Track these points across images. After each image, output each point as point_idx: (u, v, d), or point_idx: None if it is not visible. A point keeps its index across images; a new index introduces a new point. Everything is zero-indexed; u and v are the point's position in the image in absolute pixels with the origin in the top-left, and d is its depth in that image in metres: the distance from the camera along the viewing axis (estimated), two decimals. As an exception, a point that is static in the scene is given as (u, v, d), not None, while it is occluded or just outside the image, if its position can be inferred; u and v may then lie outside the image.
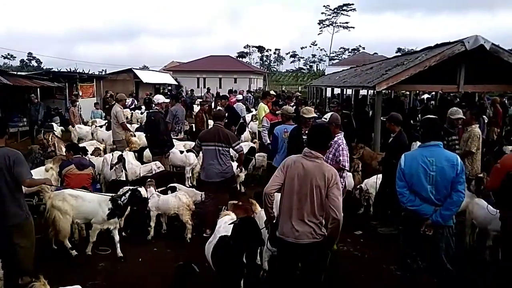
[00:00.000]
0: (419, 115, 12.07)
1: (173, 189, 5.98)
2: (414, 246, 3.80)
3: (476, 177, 5.54)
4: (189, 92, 25.37)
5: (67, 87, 17.88)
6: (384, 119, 6.59)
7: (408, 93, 16.79)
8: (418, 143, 4.19)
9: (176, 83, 36.00)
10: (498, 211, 4.46)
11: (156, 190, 5.88)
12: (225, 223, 4.00)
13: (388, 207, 5.77)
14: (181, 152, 8.14)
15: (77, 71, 21.99)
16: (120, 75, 26.84)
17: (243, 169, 7.65)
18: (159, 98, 8.13)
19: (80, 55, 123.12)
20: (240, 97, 15.10)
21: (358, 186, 6.55)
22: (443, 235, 3.58)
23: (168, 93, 25.63)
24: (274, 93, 12.99)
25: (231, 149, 5.87)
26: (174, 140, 8.53)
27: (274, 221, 3.53)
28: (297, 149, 3.96)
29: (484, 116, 9.84)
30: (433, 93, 16.09)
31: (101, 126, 11.65)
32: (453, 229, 3.67)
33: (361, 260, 5.13)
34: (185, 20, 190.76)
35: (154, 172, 6.95)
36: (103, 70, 45.16)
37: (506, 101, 13.44)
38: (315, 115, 6.17)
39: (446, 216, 3.50)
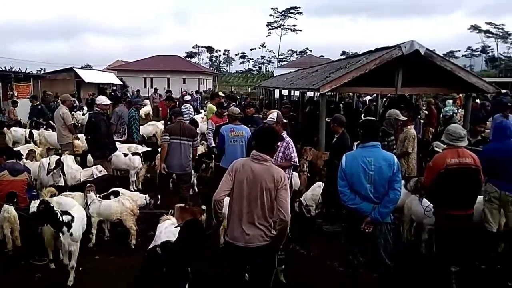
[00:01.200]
0: (363, 116, 12.63)
1: (116, 194, 5.75)
2: (355, 243, 3.95)
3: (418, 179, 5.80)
4: (135, 92, 24.62)
5: (1, 87, 16.64)
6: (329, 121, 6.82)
7: (351, 94, 17.47)
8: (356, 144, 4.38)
9: (121, 83, 34.76)
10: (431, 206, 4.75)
11: (98, 195, 5.63)
12: (166, 228, 3.91)
13: (332, 205, 5.96)
14: (126, 155, 7.86)
15: (13, 69, 20.50)
16: (60, 74, 25.45)
17: (193, 171, 7.59)
18: (101, 99, 7.78)
19: (15, 53, 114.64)
20: (188, 97, 14.92)
21: (297, 200, 6.53)
22: (381, 231, 3.77)
23: (112, 93, 24.66)
24: (222, 94, 12.98)
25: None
26: (118, 142, 8.24)
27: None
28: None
29: (419, 117, 10.51)
30: (375, 94, 16.89)
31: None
32: (391, 225, 3.86)
33: (306, 257, 5.23)
34: (131, 17, 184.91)
35: (95, 177, 6.64)
36: (41, 69, 42.44)
37: (439, 103, 14.39)
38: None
39: (384, 213, 3.68)
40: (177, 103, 16.56)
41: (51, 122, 11.62)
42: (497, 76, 46.94)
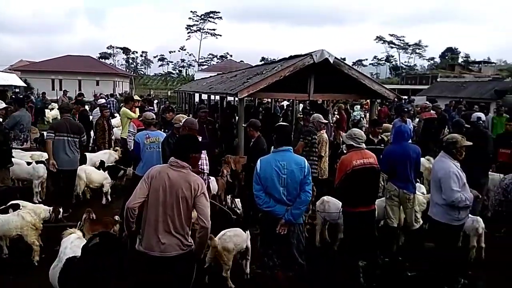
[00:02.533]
0: (281, 121, 13.08)
1: (16, 207, 5.21)
2: (270, 245, 4.07)
3: None
4: (41, 95, 22.64)
5: None
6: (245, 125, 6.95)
7: (270, 100, 17.99)
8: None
9: (25, 85, 31.69)
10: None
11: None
12: (72, 243, 3.64)
13: (251, 208, 6.06)
14: (28, 163, 7.17)
15: None
16: None
17: (109, 178, 7.23)
18: None
19: None
20: (102, 101, 14.11)
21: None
22: (294, 232, 3.93)
23: (13, 96, 22.36)
24: (138, 98, 12.51)
25: None
26: (19, 150, 7.50)
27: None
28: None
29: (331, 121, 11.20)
30: (291, 99, 17.59)
31: None
32: (303, 226, 4.05)
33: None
34: (38, 13, 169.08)
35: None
36: None
37: (349, 108, 15.51)
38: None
39: (296, 214, 3.85)
40: (90, 106, 15.63)
41: None
42: (399, 84, 51.84)
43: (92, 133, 10.26)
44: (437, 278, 4.52)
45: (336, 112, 13.73)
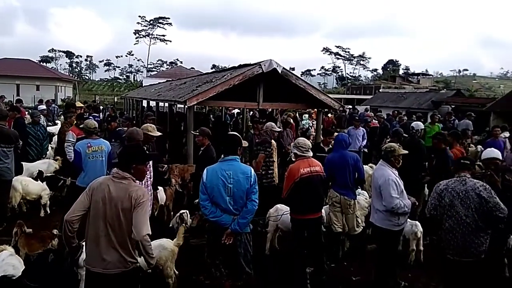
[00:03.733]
0: (230, 129, 13.09)
1: None
2: (217, 255, 4.04)
3: None
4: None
5: None
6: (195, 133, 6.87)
7: (220, 107, 17.97)
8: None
9: (-46, 89, 29.17)
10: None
11: None
12: (3, 261, 3.39)
13: (199, 218, 5.99)
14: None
15: None
16: None
17: (48, 190, 6.84)
18: None
19: None
20: (42, 107, 13.33)
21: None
22: (241, 241, 3.94)
23: None
24: (81, 104, 12.00)
25: None
26: None
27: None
28: None
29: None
30: (242, 108, 17.70)
31: None
32: (250, 235, 4.06)
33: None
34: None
35: None
36: None
37: (298, 117, 15.86)
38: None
39: (243, 224, 3.86)
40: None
41: None
42: (345, 93, 53.94)
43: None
44: (380, 282, 4.73)
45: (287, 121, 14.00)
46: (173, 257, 4.49)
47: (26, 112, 12.31)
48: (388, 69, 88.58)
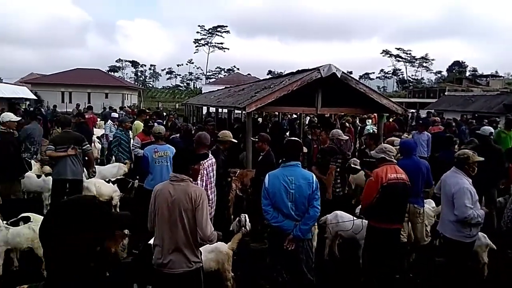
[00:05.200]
0: (288, 134, 13.10)
1: (26, 220, 5.24)
2: (279, 260, 4.04)
3: None
4: (52, 107, 22.92)
5: None
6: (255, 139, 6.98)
7: (277, 113, 18.06)
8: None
9: (35, 98, 32.18)
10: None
11: (5, 221, 5.08)
12: None
13: (258, 223, 6.04)
14: (38, 176, 7.25)
15: None
16: (-39, 86, 22.89)
17: (119, 191, 7.28)
18: (8, 116, 7.08)
19: None
20: (115, 115, 14.21)
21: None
22: (303, 247, 3.90)
23: (26, 109, 22.71)
24: (148, 111, 12.64)
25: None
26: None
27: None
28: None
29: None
30: (299, 113, 17.67)
31: None
32: (311, 241, 4.02)
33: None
34: (48, 28, 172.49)
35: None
36: None
37: (356, 121, 15.49)
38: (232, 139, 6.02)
39: (305, 230, 3.83)
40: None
41: None
42: (406, 97, 51.77)
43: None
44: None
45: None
46: (229, 260, 4.55)
47: (98, 119, 13.19)
48: (454, 71, 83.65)
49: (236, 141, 5.90)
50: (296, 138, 4.70)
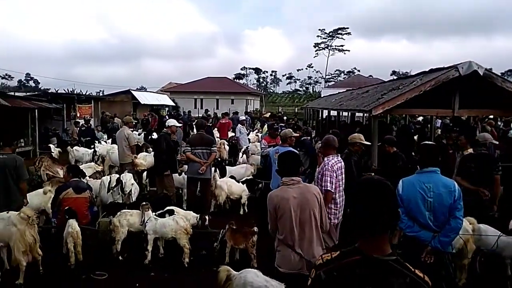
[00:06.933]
0: (416, 138, 12.19)
1: (171, 213, 5.94)
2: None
3: None
4: (186, 113, 25.50)
5: (65, 108, 17.96)
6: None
7: (403, 116, 16.98)
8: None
9: (174, 104, 36.20)
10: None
11: (153, 213, 5.83)
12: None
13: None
14: (179, 174, 8.13)
15: (75, 92, 22.11)
16: (118, 96, 27.07)
17: (247, 191, 7.75)
18: (172, 122, 8.17)
19: (78, 76, 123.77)
20: (243, 117, 15.13)
21: None
22: (443, 261, 3.58)
23: (170, 114, 25.75)
24: (269, 114, 13.18)
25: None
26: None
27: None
28: None
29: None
30: (428, 116, 16.30)
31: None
32: (451, 256, 3.66)
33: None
34: (183, 42, 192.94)
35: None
36: (100, 91, 45.44)
37: (501, 124, 13.64)
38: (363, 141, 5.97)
39: (445, 242, 3.50)
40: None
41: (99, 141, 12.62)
42: None
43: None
44: None
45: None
46: None
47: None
48: None
49: (368, 143, 5.78)
50: (432, 142, 4.34)
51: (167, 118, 15.87)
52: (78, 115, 18.87)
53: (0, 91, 18.64)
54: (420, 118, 19.98)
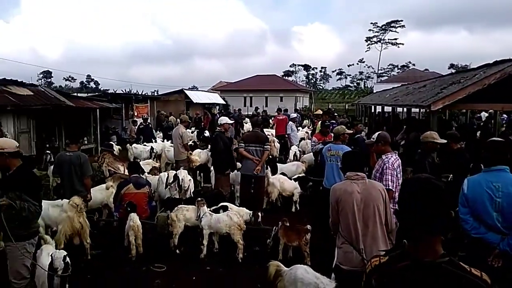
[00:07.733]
0: (478, 134, 11.47)
1: (225, 208, 6.07)
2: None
3: None
4: (237, 111, 25.84)
5: (123, 107, 18.91)
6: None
7: (463, 111, 16.03)
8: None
9: (224, 103, 36.85)
10: None
11: (208, 209, 5.98)
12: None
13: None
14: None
15: (132, 92, 23.19)
16: (172, 95, 28.01)
17: (299, 188, 7.74)
18: (224, 119, 8.34)
19: (134, 77, 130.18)
20: (294, 115, 15.11)
21: None
22: (512, 267, 3.34)
23: (222, 112, 26.28)
24: (320, 112, 13.06)
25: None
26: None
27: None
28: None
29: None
30: (491, 111, 15.26)
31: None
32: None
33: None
34: (232, 41, 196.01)
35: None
36: (155, 90, 47.30)
37: None
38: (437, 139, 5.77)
39: (515, 245, 3.27)
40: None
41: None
42: None
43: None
44: None
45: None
46: None
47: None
48: None
49: (444, 141, 5.52)
50: (499, 139, 4.05)
51: (218, 116, 16.23)
52: (136, 114, 19.78)
53: (65, 92, 19.91)
54: (482, 114, 18.77)
